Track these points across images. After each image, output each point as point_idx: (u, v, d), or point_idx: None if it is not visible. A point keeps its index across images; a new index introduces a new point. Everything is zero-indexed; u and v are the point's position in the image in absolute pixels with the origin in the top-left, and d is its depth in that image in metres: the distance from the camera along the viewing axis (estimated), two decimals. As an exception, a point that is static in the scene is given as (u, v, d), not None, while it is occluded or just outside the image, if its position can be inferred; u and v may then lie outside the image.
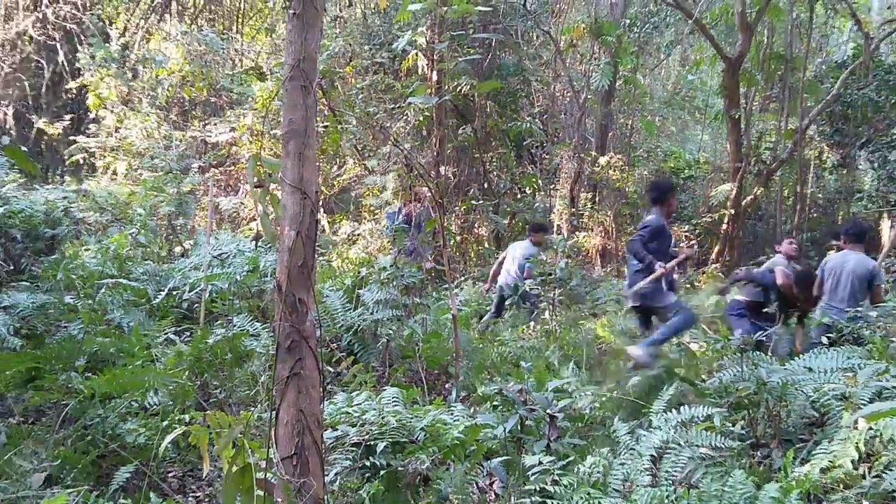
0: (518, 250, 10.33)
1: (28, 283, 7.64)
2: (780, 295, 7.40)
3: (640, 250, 6.85)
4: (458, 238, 14.72)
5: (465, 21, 13.33)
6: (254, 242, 8.89)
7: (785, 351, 7.19)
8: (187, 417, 4.68)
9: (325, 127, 12.90)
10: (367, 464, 3.90)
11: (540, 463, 4.14)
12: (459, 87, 12.83)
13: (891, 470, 3.60)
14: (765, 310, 7.10)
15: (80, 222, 10.20)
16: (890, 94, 13.72)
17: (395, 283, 7.72)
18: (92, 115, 15.76)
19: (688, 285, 12.21)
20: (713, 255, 14.85)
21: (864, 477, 3.70)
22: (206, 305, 7.68)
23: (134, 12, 17.53)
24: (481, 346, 7.86)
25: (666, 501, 3.71)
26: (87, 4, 16.36)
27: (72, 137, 15.45)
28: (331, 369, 6.49)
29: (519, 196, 16.97)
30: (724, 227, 14.66)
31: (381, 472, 3.87)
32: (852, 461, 3.74)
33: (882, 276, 7.40)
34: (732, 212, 14.34)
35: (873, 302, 7.13)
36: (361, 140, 14.39)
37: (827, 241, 8.50)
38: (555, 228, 16.01)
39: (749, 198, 15.05)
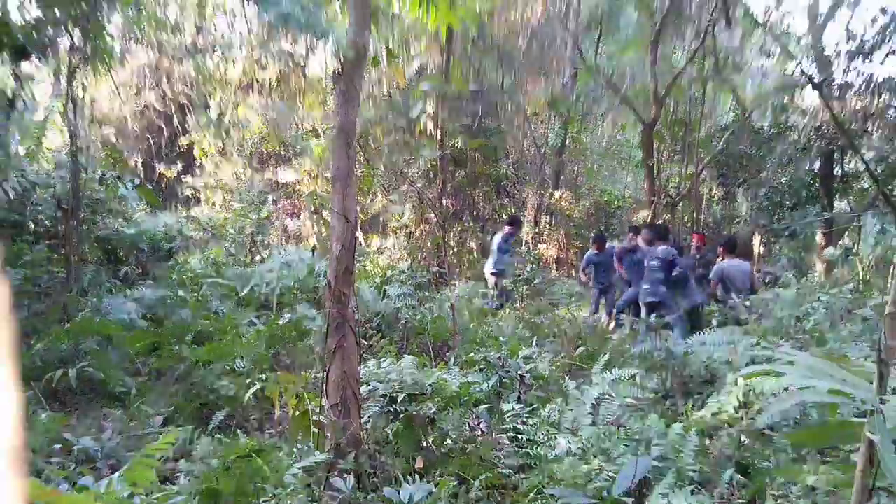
0: (497, 238, 9.71)
1: (152, 282, 7.64)
2: None
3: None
4: (455, 250, 14.70)
5: (461, 96, 13.35)
6: (311, 253, 8.89)
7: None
8: (264, 377, 4.67)
9: (362, 172, 12.91)
10: (391, 410, 3.89)
11: (513, 409, 4.14)
12: (456, 143, 12.85)
13: (761, 414, 3.59)
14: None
15: (188, 238, 10.21)
16: (758, 149, 13.75)
17: (410, 282, 7.73)
18: (197, 163, 15.80)
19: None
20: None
21: (742, 419, 3.69)
22: (278, 298, 7.67)
23: (227, 90, 17.55)
24: (472, 326, 7.84)
25: (602, 437, 3.71)
26: (193, 84, 16.39)
27: (183, 178, 15.48)
28: (365, 343, 6.47)
29: (498, 220, 16.93)
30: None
31: (401, 416, 3.86)
32: (734, 408, 3.74)
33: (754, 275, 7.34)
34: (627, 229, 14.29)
35: (753, 292, 7.15)
36: (387, 181, 14.40)
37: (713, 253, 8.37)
38: (523, 244, 16.00)
39: (659, 221, 15.03)
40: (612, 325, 8.14)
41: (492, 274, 9.50)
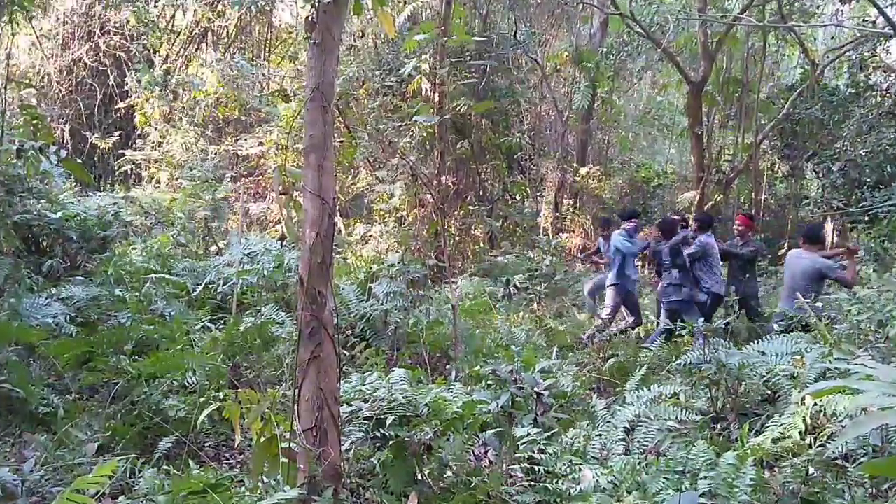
0: (618, 239, 8.87)
1: (83, 278, 7.63)
2: None
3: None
4: (457, 238, 14.70)
5: (464, 49, 13.30)
6: (279, 242, 8.88)
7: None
8: (221, 394, 4.67)
9: (341, 142, 12.88)
10: (378, 435, 3.90)
11: (528, 434, 4.14)
12: (458, 107, 12.81)
13: (833, 440, 3.60)
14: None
15: (128, 225, 10.18)
16: (833, 113, 13.69)
17: (401, 277, 7.72)
18: (138, 132, 15.77)
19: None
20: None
21: (810, 446, 3.69)
22: (238, 297, 7.67)
23: (175, 42, 17.49)
24: (477, 332, 7.85)
25: (638, 468, 3.71)
26: (134, 35, 16.33)
27: (121, 151, 15.47)
28: (346, 353, 6.49)
29: (510, 202, 16.94)
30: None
31: (390, 442, 3.87)
32: (800, 432, 3.74)
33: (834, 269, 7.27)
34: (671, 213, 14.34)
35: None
36: (372, 153, 14.38)
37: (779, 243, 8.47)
38: (541, 230, 16.00)
39: (710, 203, 15.03)
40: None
41: (611, 286, 8.83)
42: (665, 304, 8.09)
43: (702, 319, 6.70)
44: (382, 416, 3.96)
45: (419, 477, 3.74)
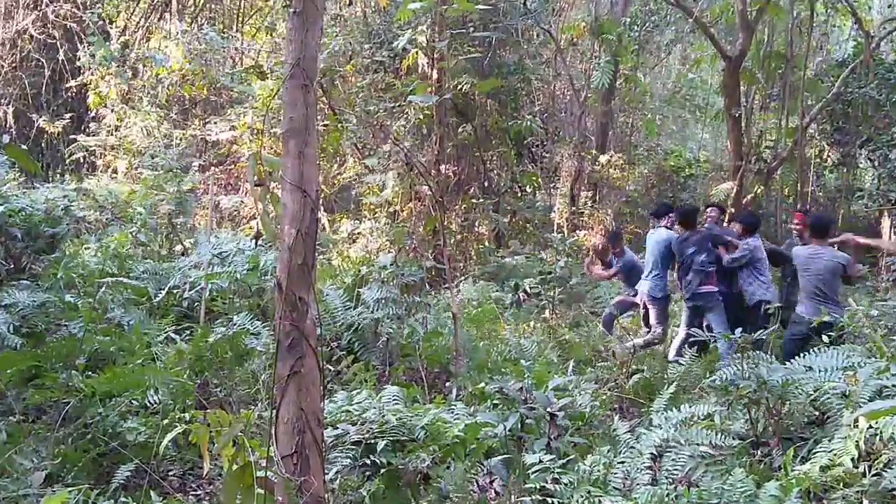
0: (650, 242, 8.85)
1: (28, 282, 7.62)
2: None
3: None
4: (459, 236, 14.71)
5: (466, 19, 13.30)
6: (254, 241, 8.89)
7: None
8: (187, 416, 4.67)
9: (326, 125, 12.88)
10: (368, 462, 3.90)
11: (540, 461, 4.14)
12: (460, 86, 12.83)
13: (891, 468, 3.60)
14: None
15: (80, 221, 10.18)
16: (890, 93, 13.69)
17: (395, 281, 7.72)
18: (92, 114, 15.75)
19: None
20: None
21: (864, 475, 3.69)
22: (207, 304, 7.67)
23: (134, 11, 17.51)
24: (482, 344, 7.86)
25: (666, 500, 3.71)
26: (87, 3, 16.32)
27: (72, 136, 15.45)
28: (331, 368, 6.49)
29: (519, 194, 16.95)
30: (725, 226, 14.62)
31: (382, 471, 3.87)
32: (852, 459, 3.74)
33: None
34: (733, 210, 14.33)
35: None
36: (361, 138, 14.38)
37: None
38: (555, 227, 16.01)
39: (749, 196, 15.03)
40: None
41: (655, 299, 8.66)
42: (688, 303, 8.14)
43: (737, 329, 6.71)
44: (372, 441, 3.97)
45: (415, 510, 3.75)
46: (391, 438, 4.02)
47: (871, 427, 3.80)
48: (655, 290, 8.46)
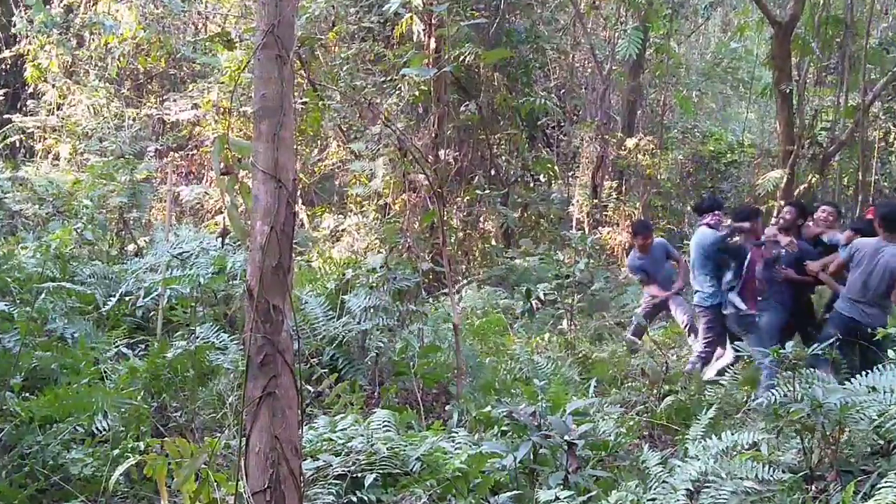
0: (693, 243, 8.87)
1: (-46, 288, 7.64)
2: None
3: None
4: (460, 234, 14.71)
5: (469, -22, 13.34)
6: (220, 239, 8.87)
7: None
8: (142, 445, 4.67)
9: (304, 104, 12.89)
10: (354, 499, 3.90)
11: (557, 498, 4.14)
12: (462, 57, 12.81)
13: (969, 507, 3.60)
14: None
15: (15, 215, 10.19)
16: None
17: (385, 287, 7.72)
18: (30, 90, 15.75)
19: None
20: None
21: (937, 515, 3.70)
22: (165, 313, 7.66)
23: (79, -31, 17.52)
24: (487, 361, 7.86)
25: (704, 543, 3.72)
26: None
27: (6, 115, 15.44)
28: (310, 388, 6.50)
29: (532, 185, 16.97)
30: (773, 221, 14.64)
31: (370, 510, 3.88)
32: (923, 496, 3.75)
33: None
34: (783, 203, 14.33)
35: None
36: (346, 119, 14.38)
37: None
38: (574, 223, 16.03)
39: (802, 186, 15.03)
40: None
41: (703, 308, 8.62)
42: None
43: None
44: (360, 475, 3.97)
45: (409, 556, 3.76)
46: (381, 471, 4.02)
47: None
48: (702, 298, 8.44)
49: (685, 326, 9.28)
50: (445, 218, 8.41)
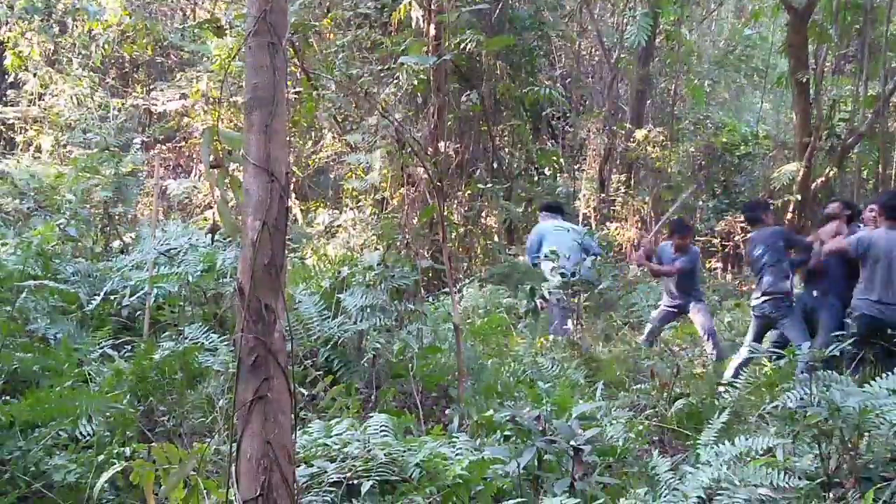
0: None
1: (-69, 287, 7.64)
2: None
3: None
4: (461, 230, 14.72)
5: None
6: (209, 236, 8.88)
7: None
8: (128, 451, 4.68)
9: (298, 94, 12.90)
10: (350, 507, 3.91)
11: (562, 506, 4.15)
12: (463, 44, 12.82)
13: None
14: None
15: (-5, 211, 10.18)
16: None
17: (383, 285, 7.72)
18: (10, 79, 15.75)
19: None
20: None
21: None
22: (152, 313, 7.67)
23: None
24: (489, 362, 7.86)
25: (717, 554, 3.72)
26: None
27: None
28: (304, 391, 6.49)
29: (536, 178, 16.96)
30: (790, 216, 14.65)
31: (367, 518, 3.89)
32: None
33: None
34: (799, 197, 14.34)
35: None
36: (342, 110, 14.37)
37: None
38: (580, 217, 16.03)
39: (820, 180, 15.04)
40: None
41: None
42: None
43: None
44: (356, 481, 3.97)
45: (408, 567, 3.76)
46: (379, 478, 4.02)
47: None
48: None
49: (704, 332, 9.26)
50: (446, 213, 8.40)
